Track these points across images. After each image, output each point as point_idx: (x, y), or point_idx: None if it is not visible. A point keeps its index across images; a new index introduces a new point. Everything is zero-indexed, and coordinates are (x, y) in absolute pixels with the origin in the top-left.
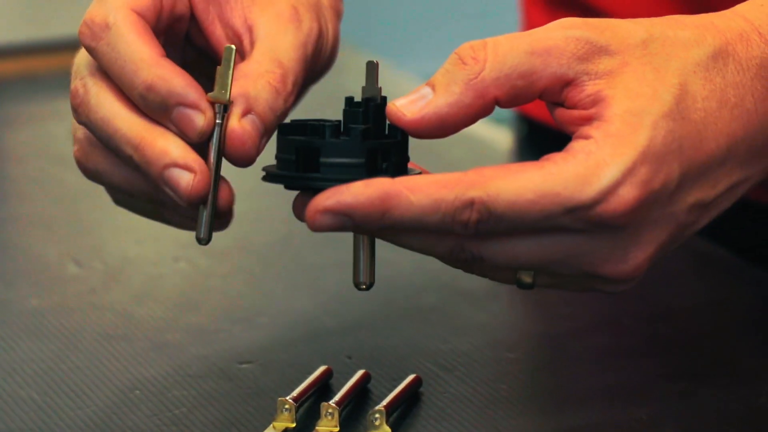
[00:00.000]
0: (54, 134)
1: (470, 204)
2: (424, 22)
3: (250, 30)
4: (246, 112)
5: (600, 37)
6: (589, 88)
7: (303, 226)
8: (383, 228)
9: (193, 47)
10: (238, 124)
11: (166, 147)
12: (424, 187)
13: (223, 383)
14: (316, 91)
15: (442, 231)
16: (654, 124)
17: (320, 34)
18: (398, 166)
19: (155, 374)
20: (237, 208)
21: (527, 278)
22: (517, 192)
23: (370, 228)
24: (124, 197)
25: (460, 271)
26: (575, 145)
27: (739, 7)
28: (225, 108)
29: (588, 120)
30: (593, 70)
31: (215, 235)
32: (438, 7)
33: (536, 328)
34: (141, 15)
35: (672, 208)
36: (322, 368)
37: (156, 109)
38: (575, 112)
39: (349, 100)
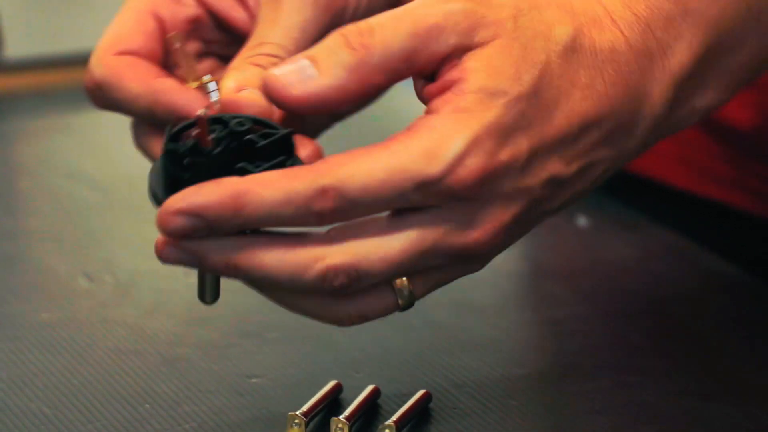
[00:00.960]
0: (65, 148)
1: (322, 192)
2: None
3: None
4: (239, 89)
5: (478, 8)
6: (459, 63)
7: None
8: (238, 227)
9: (227, 35)
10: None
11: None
12: (275, 181)
13: (234, 398)
14: None
15: (299, 225)
16: (506, 105)
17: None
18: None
19: (166, 389)
20: None
21: (398, 280)
22: (368, 173)
23: (224, 229)
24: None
25: (470, 286)
26: (419, 122)
27: None
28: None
29: (443, 89)
30: (467, 43)
31: None
32: None
33: (546, 345)
34: (127, 51)
35: (525, 182)
36: (332, 383)
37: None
38: (435, 83)
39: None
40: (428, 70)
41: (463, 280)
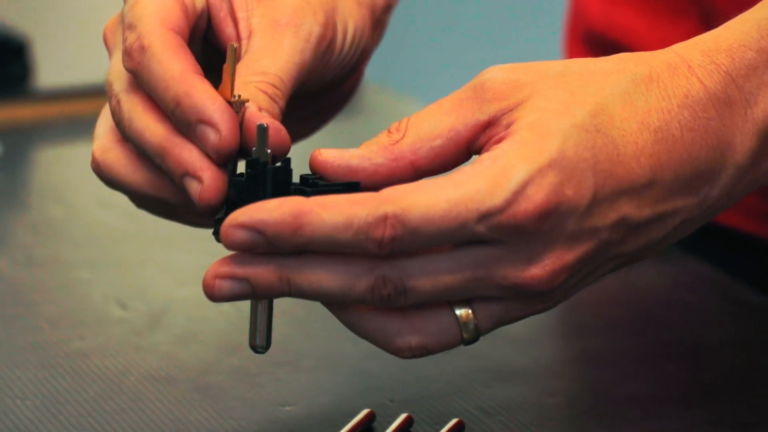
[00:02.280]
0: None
1: (383, 219)
2: (456, 64)
3: (249, 36)
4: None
5: (511, 74)
6: (504, 120)
7: None
8: (297, 247)
9: (209, 46)
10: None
11: (183, 157)
12: (337, 205)
13: (267, 426)
14: (342, 131)
15: (356, 252)
16: (564, 133)
17: (323, 37)
18: None
19: (199, 416)
20: None
21: (463, 312)
22: (430, 203)
23: (283, 246)
24: (141, 200)
25: None
26: (482, 156)
27: (675, 45)
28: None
29: (498, 142)
30: (506, 105)
31: None
32: (472, 50)
33: (578, 374)
34: (174, 30)
35: (592, 221)
36: (364, 411)
37: (183, 124)
38: (489, 143)
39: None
40: (477, 141)
41: None
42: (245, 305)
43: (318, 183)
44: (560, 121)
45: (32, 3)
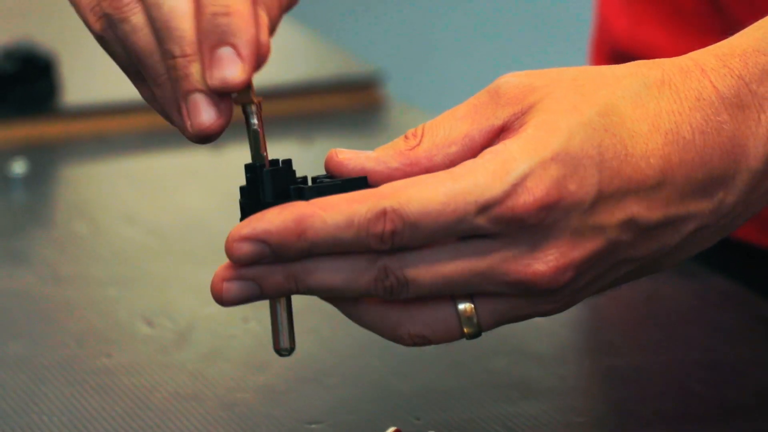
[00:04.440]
0: (124, 193)
1: (383, 214)
2: (481, 83)
3: None
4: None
5: (525, 79)
6: (517, 124)
7: None
8: (302, 251)
9: None
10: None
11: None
12: (337, 205)
13: None
14: (368, 148)
15: (360, 249)
16: (570, 129)
17: None
18: None
19: None
20: None
21: (466, 306)
22: (429, 197)
23: (289, 253)
24: (121, 50)
25: (529, 334)
26: (485, 150)
27: (691, 53)
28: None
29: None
30: (519, 109)
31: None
32: (497, 69)
33: (605, 393)
34: None
35: (597, 218)
36: (391, 429)
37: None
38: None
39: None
40: (491, 146)
41: (521, 327)
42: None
43: (323, 181)
44: (568, 119)
45: (59, 20)
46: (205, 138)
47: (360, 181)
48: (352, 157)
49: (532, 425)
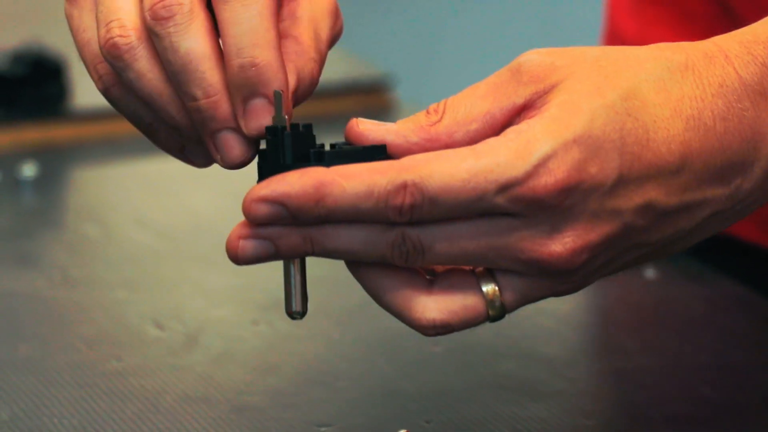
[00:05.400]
0: (134, 196)
1: (403, 187)
2: None
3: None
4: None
5: (547, 57)
6: (539, 103)
7: None
8: (320, 217)
9: None
10: None
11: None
12: (358, 174)
13: None
14: None
15: (378, 220)
16: (593, 112)
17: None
18: None
19: None
20: (316, 273)
21: (489, 289)
22: (450, 173)
23: (306, 217)
24: (129, 99)
25: (538, 338)
26: (508, 129)
27: (714, 37)
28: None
29: (527, 119)
30: (541, 87)
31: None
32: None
33: (614, 396)
34: None
35: (615, 202)
36: None
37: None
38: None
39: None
40: (512, 124)
41: (530, 330)
42: (281, 327)
43: (343, 147)
44: (591, 101)
45: None
46: (236, 167)
47: (379, 150)
48: (372, 128)
49: (541, 428)
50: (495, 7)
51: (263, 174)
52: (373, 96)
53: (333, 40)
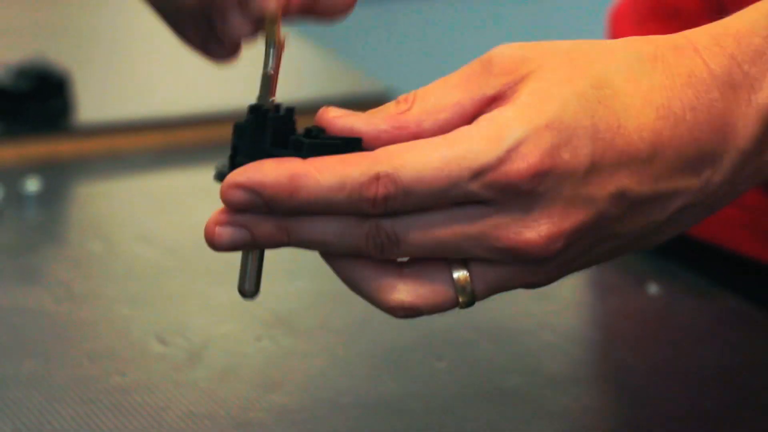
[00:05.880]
0: (138, 211)
1: (376, 178)
2: None
3: None
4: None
5: (519, 51)
6: (509, 93)
7: None
8: (294, 208)
9: None
10: None
11: None
12: (331, 166)
13: None
14: None
15: (352, 212)
16: (564, 98)
17: None
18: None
19: None
20: (319, 288)
21: (460, 275)
22: (423, 161)
23: (281, 208)
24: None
25: (542, 354)
26: (480, 117)
27: (684, 31)
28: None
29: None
30: (511, 79)
31: (298, 314)
32: None
33: (619, 413)
34: None
35: (588, 189)
36: None
37: None
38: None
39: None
40: (482, 115)
41: (534, 347)
42: (284, 343)
43: (319, 135)
44: (562, 89)
45: (73, 38)
46: (237, 47)
47: (356, 142)
48: (341, 115)
49: None
50: (497, 22)
51: (240, 152)
52: None
53: None
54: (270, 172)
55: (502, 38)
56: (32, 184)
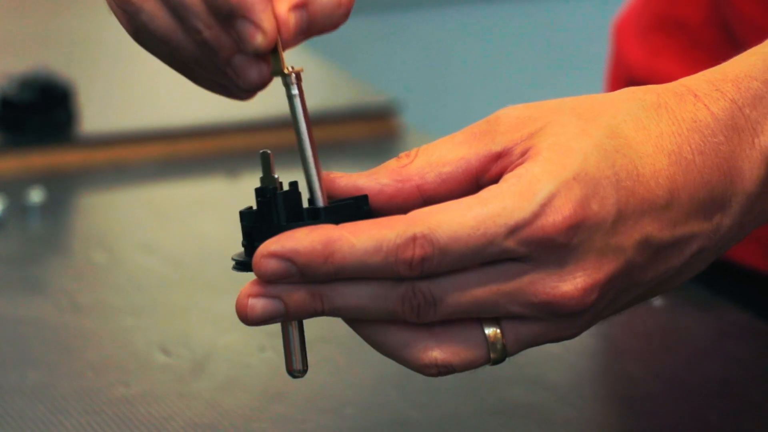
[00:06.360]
0: (141, 222)
1: (412, 240)
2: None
3: None
4: (298, 5)
5: (525, 111)
6: (517, 150)
7: None
8: (329, 274)
9: None
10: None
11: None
12: (366, 229)
13: None
14: None
15: (387, 275)
16: (584, 151)
17: None
18: None
19: None
20: None
21: (492, 331)
22: (458, 221)
23: (315, 274)
24: (153, 40)
25: (546, 365)
26: (507, 175)
27: (682, 78)
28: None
29: (519, 165)
30: (518, 136)
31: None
32: (513, 97)
33: (621, 425)
34: None
35: (617, 239)
36: None
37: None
38: (507, 170)
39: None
40: (487, 172)
41: (538, 357)
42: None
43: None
44: (580, 141)
45: (77, 49)
46: (258, 89)
47: (364, 199)
48: (341, 175)
49: None
50: (502, 34)
51: (258, 236)
52: (380, 122)
53: None
54: (303, 238)
55: (505, 50)
56: (36, 195)
